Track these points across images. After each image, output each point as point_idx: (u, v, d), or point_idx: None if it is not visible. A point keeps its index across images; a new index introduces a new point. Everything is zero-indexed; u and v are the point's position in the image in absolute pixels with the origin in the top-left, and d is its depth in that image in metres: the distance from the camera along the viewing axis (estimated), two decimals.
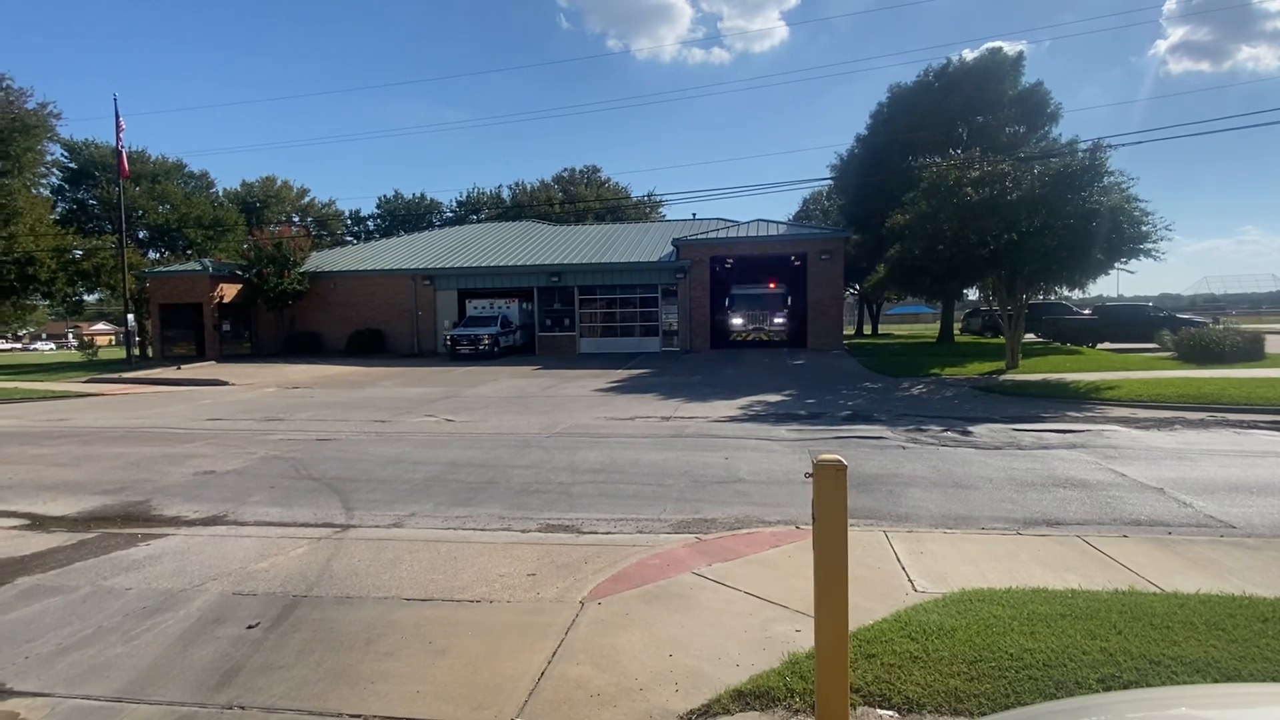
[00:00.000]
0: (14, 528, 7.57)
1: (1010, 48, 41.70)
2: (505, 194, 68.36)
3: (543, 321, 32.42)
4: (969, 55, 34.64)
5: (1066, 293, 23.55)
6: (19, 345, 78.67)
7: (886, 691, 3.67)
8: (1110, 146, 19.01)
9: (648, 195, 64.94)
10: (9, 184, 34.86)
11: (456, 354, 29.23)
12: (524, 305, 32.65)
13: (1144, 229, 17.66)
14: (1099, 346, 29.02)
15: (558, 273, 31.61)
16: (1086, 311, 34.13)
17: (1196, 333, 21.76)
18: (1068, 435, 11.29)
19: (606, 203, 61.83)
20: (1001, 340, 24.78)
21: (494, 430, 12.93)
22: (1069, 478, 8.58)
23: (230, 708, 3.87)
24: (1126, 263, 18.76)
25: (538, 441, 11.69)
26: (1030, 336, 31.05)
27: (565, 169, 70.41)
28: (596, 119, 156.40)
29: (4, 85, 34.67)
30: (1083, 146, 21.37)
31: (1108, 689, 3.56)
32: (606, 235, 37.95)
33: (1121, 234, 17.55)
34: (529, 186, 67.56)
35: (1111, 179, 18.28)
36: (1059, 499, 7.72)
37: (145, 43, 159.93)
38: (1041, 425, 12.20)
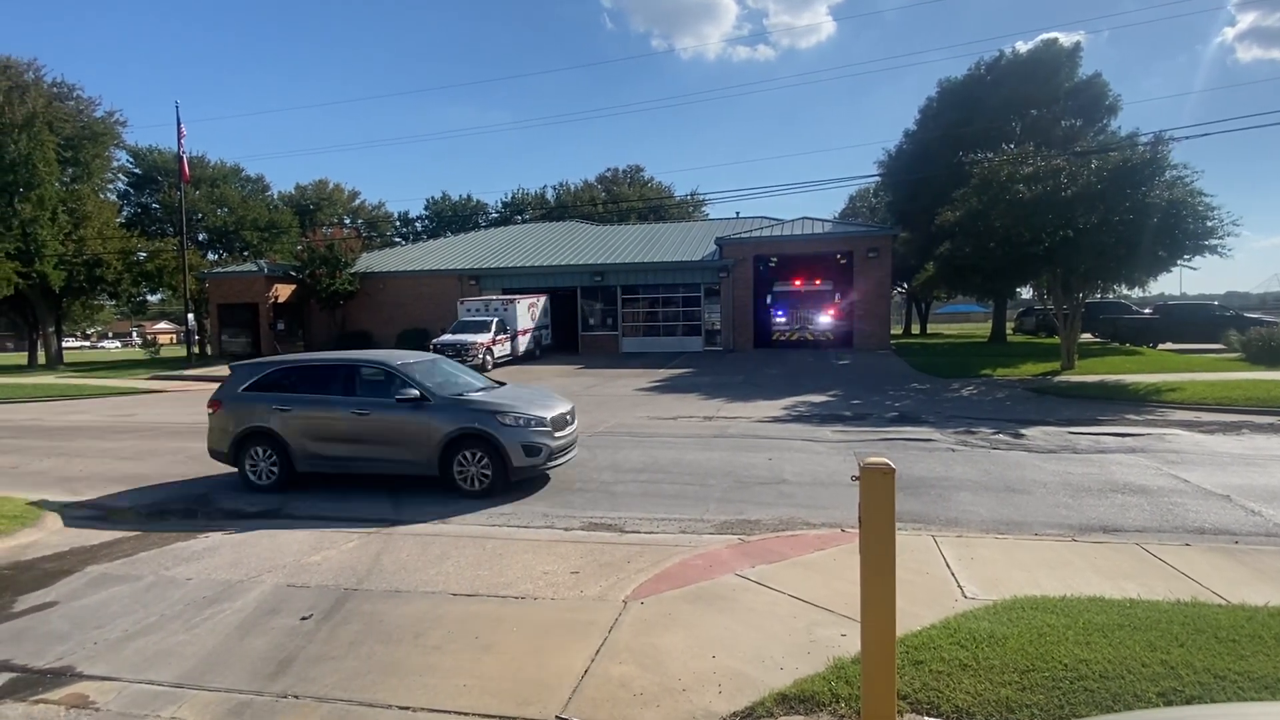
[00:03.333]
0: (84, 518, 7.96)
1: (1066, 38, 40.24)
2: (549, 194, 68.93)
3: (585, 321, 32.52)
4: (1022, 47, 33.87)
5: (1125, 291, 22.73)
6: (87, 344, 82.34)
7: (934, 699, 3.60)
8: (1173, 139, 18.29)
9: (691, 194, 64.78)
10: (79, 189, 36.67)
11: None
12: (533, 303, 29.51)
13: (1209, 224, 16.92)
14: (1160, 347, 27.92)
15: (600, 272, 31.70)
16: (1147, 310, 32.81)
17: (1266, 332, 20.78)
18: (1126, 439, 10.90)
19: (649, 202, 61.81)
20: (1056, 340, 24.04)
21: None
22: (1128, 483, 8.28)
23: (285, 696, 4.00)
24: (1190, 259, 18.01)
25: (580, 440, 11.73)
26: (1087, 336, 30.00)
27: (608, 169, 70.63)
28: (640, 119, 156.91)
29: (74, 95, 36.47)
30: (1143, 139, 20.53)
31: (1168, 703, 3.43)
32: (649, 235, 37.94)
33: (1184, 230, 16.86)
34: (573, 187, 68.01)
35: (1174, 173, 17.54)
36: (1117, 505, 7.47)
37: (204, 52, 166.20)
38: (1098, 428, 11.80)
